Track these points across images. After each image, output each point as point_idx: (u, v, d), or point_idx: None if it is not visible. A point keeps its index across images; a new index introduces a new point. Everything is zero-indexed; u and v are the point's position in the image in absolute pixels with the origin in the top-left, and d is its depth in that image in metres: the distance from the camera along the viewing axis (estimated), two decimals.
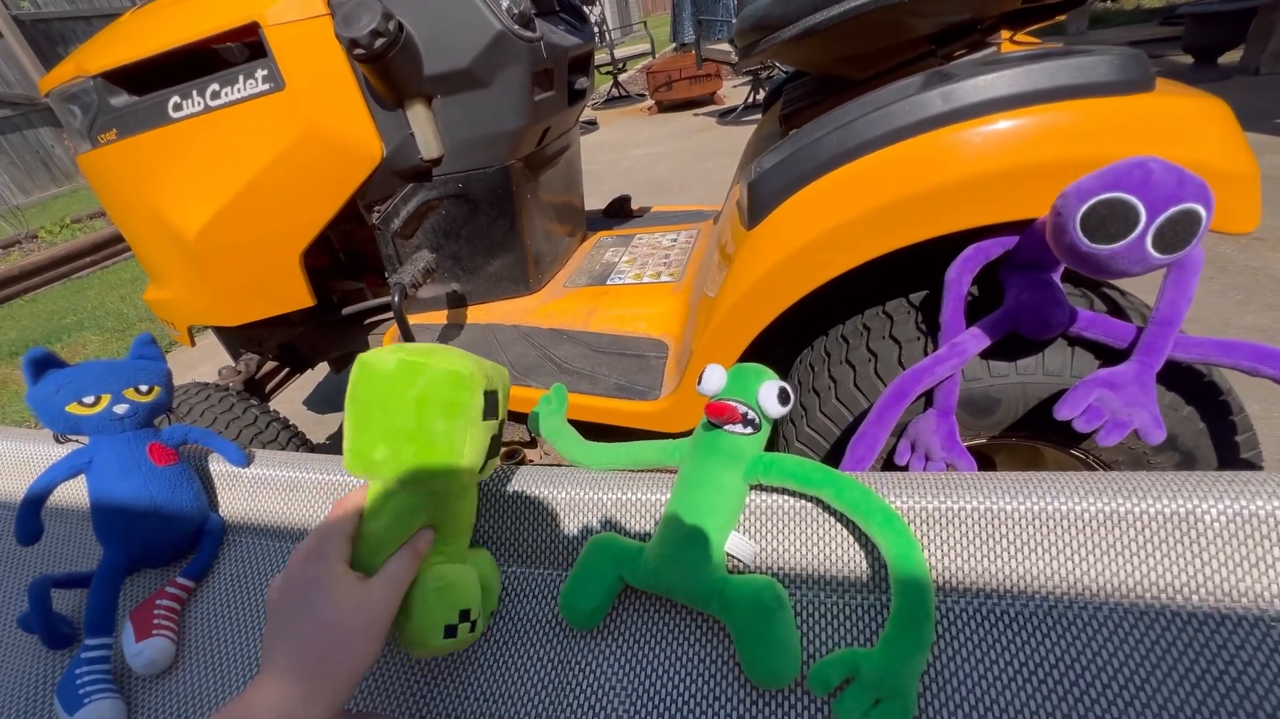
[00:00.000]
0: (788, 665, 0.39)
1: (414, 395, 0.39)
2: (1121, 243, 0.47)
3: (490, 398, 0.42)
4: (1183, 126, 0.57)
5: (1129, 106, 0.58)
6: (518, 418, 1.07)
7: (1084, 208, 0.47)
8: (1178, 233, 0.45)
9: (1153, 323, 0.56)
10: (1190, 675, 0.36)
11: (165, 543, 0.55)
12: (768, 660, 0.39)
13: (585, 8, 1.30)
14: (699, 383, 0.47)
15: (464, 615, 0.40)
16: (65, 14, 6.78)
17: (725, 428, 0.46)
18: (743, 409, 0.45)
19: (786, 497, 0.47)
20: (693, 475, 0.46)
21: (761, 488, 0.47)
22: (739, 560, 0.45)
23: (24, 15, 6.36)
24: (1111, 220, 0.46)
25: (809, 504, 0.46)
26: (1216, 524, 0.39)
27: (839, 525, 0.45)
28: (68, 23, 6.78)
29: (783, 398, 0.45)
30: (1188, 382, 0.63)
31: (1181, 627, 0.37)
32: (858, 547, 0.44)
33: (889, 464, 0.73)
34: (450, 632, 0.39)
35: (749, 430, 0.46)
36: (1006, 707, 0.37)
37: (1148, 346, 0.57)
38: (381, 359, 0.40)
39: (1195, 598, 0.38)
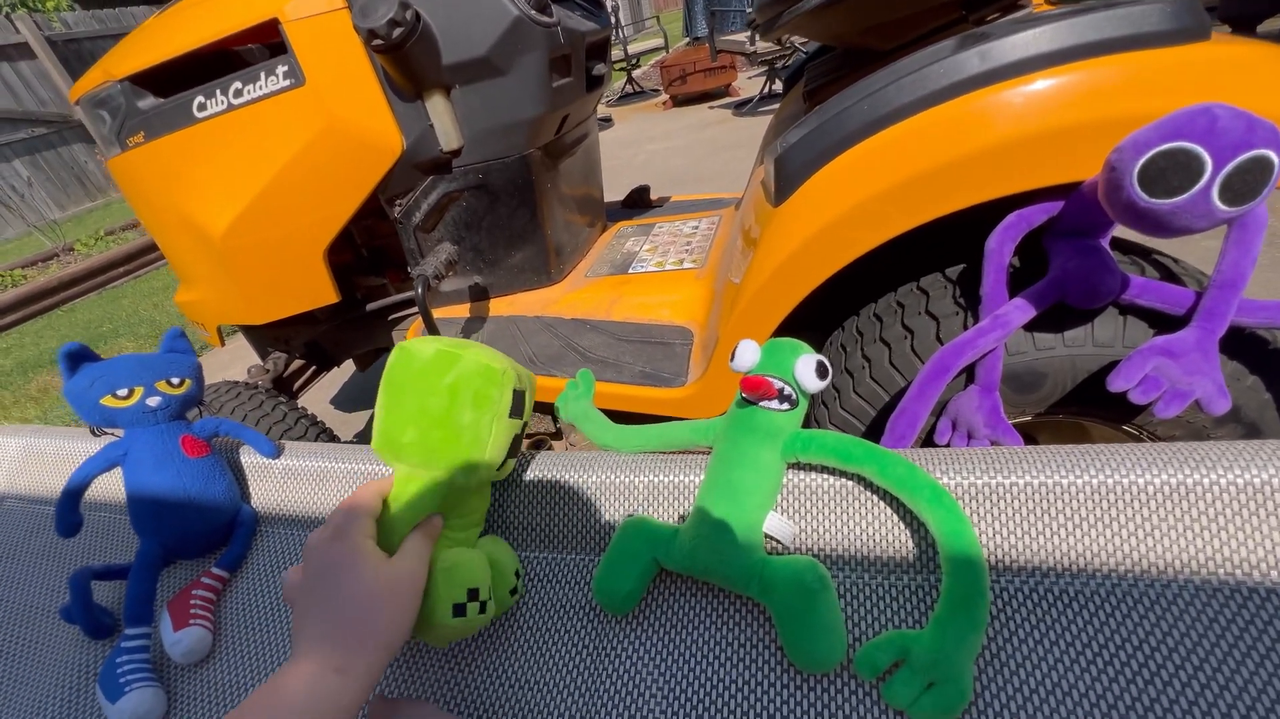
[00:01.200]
0: (833, 648, 0.37)
1: (447, 383, 0.40)
2: (1184, 196, 0.44)
3: (518, 397, 0.43)
4: (1244, 75, 0.53)
5: (1184, 57, 0.54)
6: (543, 407, 1.07)
7: (1142, 160, 0.44)
8: (1247, 182, 0.42)
9: (1214, 285, 0.53)
10: (1272, 655, 0.33)
11: (199, 534, 0.55)
12: (811, 643, 0.37)
13: None
14: (731, 358, 0.46)
15: (473, 594, 0.39)
16: (95, 33, 7.01)
17: (761, 404, 0.44)
18: (779, 384, 0.43)
19: (826, 475, 0.45)
20: (728, 454, 0.45)
21: (800, 466, 0.46)
22: (778, 542, 0.44)
23: (56, 35, 6.58)
24: (1173, 172, 0.43)
25: (850, 482, 0.44)
26: None
27: (883, 504, 0.43)
28: (98, 41, 7.00)
29: (820, 371, 0.43)
30: (1252, 349, 0.59)
31: (1260, 604, 0.35)
32: (903, 525, 0.42)
33: (929, 443, 0.71)
34: (459, 610, 0.39)
35: (785, 406, 0.44)
36: (1070, 689, 0.35)
37: (1209, 311, 0.53)
38: (420, 347, 0.42)
39: (1275, 573, 0.35)
